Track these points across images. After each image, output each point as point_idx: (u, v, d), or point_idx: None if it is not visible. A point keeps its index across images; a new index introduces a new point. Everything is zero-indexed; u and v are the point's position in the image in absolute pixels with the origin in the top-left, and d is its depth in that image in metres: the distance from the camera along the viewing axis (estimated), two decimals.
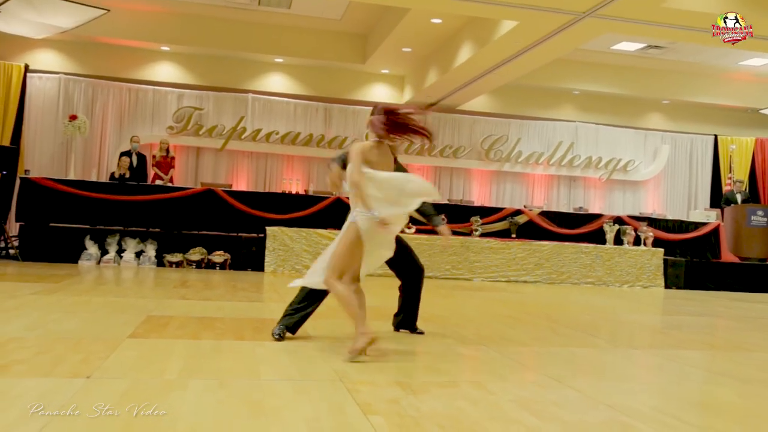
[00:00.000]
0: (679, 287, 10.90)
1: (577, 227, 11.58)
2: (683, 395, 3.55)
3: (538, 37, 9.25)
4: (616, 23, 8.53)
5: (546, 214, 11.62)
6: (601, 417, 2.96)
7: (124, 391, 2.89)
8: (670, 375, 4.11)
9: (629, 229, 11.20)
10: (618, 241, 11.17)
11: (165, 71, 12.88)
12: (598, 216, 11.85)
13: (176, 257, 9.42)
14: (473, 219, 10.98)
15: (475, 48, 10.17)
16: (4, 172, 10.15)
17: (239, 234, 9.92)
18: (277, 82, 13.34)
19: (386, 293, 7.72)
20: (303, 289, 4.41)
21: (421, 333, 4.90)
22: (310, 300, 4.40)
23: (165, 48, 12.59)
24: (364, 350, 3.82)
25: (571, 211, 12.73)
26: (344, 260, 4.00)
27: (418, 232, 10.46)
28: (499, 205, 13.22)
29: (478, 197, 14.43)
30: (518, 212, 11.48)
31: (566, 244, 10.65)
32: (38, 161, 12.21)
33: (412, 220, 10.58)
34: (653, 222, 11.85)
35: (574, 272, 10.49)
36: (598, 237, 11.35)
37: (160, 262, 9.39)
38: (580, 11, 8.15)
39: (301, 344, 4.24)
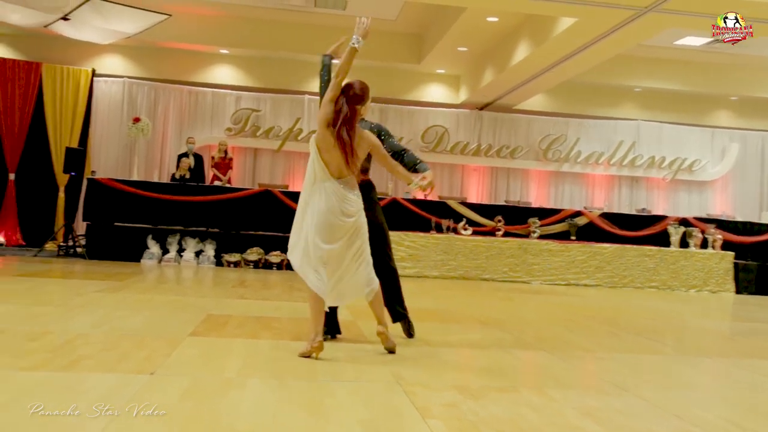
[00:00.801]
0: (750, 293, 10.49)
1: (639, 229, 11.25)
2: (756, 406, 3.40)
3: (598, 33, 9.03)
4: (680, 17, 8.25)
5: (607, 216, 11.35)
6: (670, 427, 2.86)
7: (186, 389, 2.95)
8: (741, 385, 3.94)
9: (696, 232, 10.82)
10: (684, 243, 10.81)
11: (224, 74, 13.15)
12: (662, 218, 11.49)
13: (234, 257, 9.60)
14: (531, 220, 10.82)
15: (533, 46, 10.02)
16: (73, 173, 10.54)
17: None
18: None
19: (443, 294, 7.68)
20: None
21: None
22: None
23: (224, 51, 12.86)
24: (307, 355, 3.78)
25: (634, 212, 12.40)
26: None
27: (475, 234, 10.37)
28: (558, 207, 12.95)
29: (536, 198, 14.20)
30: (578, 214, 11.25)
31: (628, 246, 10.40)
32: (104, 163, 12.63)
33: (469, 222, 10.51)
34: (722, 224, 11.39)
35: (637, 276, 10.23)
36: (662, 239, 11.00)
37: (218, 262, 9.58)
38: (642, 6, 7.92)
39: (357, 346, 4.24)
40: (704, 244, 10.84)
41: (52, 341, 3.79)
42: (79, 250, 9.90)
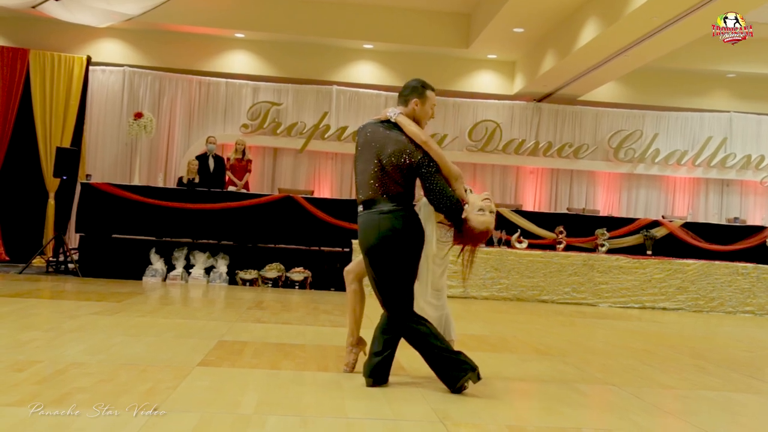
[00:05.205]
0: None
1: (731, 242, 11.11)
2: None
3: (682, 9, 8.95)
4: None
5: (691, 226, 11.21)
6: None
7: (195, 427, 3.00)
8: None
9: None
10: None
11: (239, 61, 13.32)
12: (759, 229, 11.33)
13: (250, 274, 9.70)
14: (598, 232, 10.74)
15: (602, 26, 9.97)
16: (65, 177, 10.72)
17: (321, 248, 10.10)
18: (365, 71, 13.52)
19: (494, 318, 7.65)
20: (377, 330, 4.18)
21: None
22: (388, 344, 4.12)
23: (239, 35, 13.03)
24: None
25: (724, 222, 12.25)
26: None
27: (531, 247, 10.32)
28: (631, 216, 12.81)
29: (604, 205, 14.10)
30: (655, 224, 11.15)
31: (717, 263, 10.26)
32: (100, 165, 12.87)
33: (524, 233, 10.47)
34: None
35: (728, 298, 10.07)
36: (759, 255, 10.87)
37: (232, 280, 9.69)
38: None
39: (394, 378, 4.25)
40: None
41: (41, 372, 3.88)
42: (71, 266, 10.08)
